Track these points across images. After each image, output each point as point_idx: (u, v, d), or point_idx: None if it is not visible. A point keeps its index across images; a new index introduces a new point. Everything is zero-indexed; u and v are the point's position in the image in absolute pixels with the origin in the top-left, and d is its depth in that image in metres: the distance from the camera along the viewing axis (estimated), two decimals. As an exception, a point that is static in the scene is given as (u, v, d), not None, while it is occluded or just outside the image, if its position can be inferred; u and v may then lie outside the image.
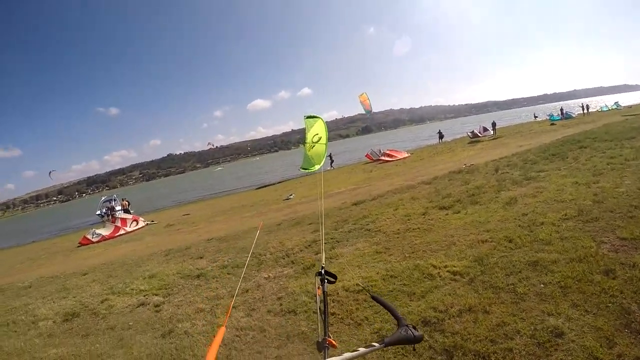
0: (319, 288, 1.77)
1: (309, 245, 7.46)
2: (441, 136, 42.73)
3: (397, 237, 6.73)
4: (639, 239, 4.40)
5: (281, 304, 4.94)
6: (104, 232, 17.81)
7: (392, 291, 4.54)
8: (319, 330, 1.51)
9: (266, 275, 6.24)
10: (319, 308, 1.72)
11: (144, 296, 6.54)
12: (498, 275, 4.30)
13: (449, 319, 3.63)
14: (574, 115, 38.93)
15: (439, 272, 4.72)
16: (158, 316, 5.50)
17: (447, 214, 7.55)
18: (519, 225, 5.82)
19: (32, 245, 24.04)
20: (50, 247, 19.62)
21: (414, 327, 1.22)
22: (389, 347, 1.37)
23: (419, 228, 7.00)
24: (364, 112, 27.53)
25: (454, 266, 4.79)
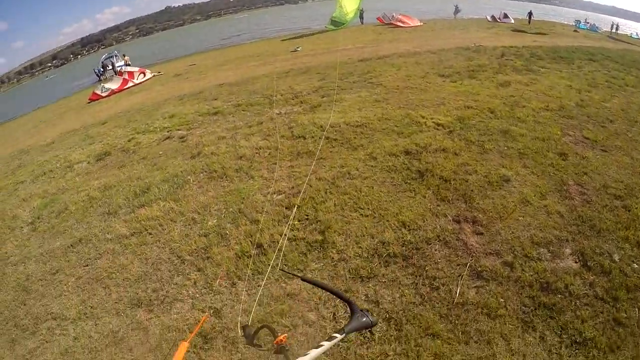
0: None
1: (316, 90, 8.05)
2: (457, 11, 39.93)
3: (396, 92, 7.39)
4: (599, 142, 5.10)
5: (292, 132, 5.78)
6: (113, 85, 17.39)
7: (385, 129, 5.46)
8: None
9: (278, 112, 6.94)
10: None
11: (168, 132, 7.09)
12: (473, 133, 5.19)
13: (426, 153, 4.63)
14: (599, 31, 36.95)
15: (425, 122, 5.59)
16: (184, 145, 6.20)
17: (444, 81, 8.13)
18: (504, 103, 6.49)
19: (37, 111, 21.96)
20: (58, 109, 18.69)
21: (367, 311, 1.10)
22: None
23: (416, 87, 7.63)
24: None
25: (439, 120, 5.65)
